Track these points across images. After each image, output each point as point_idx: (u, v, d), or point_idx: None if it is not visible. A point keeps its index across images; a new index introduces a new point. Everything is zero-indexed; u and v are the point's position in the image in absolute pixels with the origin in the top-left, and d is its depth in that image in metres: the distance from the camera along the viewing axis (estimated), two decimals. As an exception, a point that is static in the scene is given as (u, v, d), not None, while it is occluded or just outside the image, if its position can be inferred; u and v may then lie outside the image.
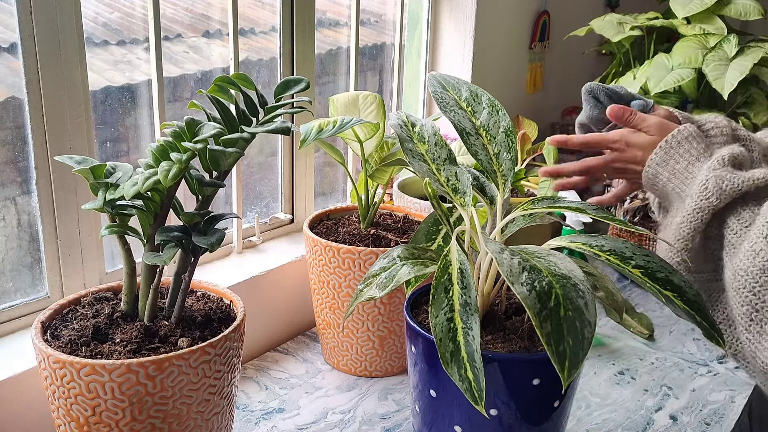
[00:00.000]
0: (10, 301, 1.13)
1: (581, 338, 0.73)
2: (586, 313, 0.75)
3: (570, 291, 0.75)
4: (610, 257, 0.87)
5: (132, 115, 1.27)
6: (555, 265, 0.79)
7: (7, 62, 1.06)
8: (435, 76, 1.07)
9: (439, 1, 1.91)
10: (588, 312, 0.75)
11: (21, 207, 1.13)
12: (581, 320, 0.74)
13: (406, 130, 1.04)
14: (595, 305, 0.77)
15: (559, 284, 0.76)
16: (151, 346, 0.92)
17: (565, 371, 0.72)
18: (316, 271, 1.32)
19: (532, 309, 0.73)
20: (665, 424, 1.24)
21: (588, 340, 0.74)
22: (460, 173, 1.00)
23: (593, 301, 0.77)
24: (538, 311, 0.73)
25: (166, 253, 0.92)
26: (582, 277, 0.78)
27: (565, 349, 0.72)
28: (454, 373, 0.81)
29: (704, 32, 1.68)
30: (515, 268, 0.76)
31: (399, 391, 1.31)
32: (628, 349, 1.49)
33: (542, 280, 0.75)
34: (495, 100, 1.05)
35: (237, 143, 0.91)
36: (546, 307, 0.73)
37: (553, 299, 0.74)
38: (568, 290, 0.75)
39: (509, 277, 0.75)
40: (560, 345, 0.72)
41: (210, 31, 1.39)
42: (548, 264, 0.79)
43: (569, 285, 0.76)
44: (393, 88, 1.84)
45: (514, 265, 0.77)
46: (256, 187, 1.55)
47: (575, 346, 0.72)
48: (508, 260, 0.78)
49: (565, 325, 0.73)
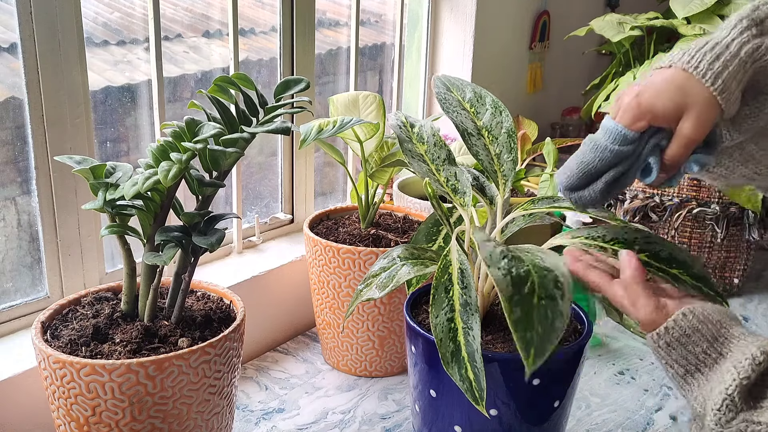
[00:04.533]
0: (10, 301, 1.13)
1: (551, 329, 0.71)
2: (560, 304, 0.73)
3: (548, 282, 0.74)
4: (615, 246, 0.86)
5: (132, 115, 1.27)
6: (541, 259, 0.78)
7: (7, 62, 1.06)
8: (440, 78, 1.07)
9: (439, 1, 1.91)
10: (562, 303, 0.73)
11: (21, 207, 1.13)
12: (554, 311, 0.72)
13: (405, 131, 1.04)
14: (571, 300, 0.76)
15: (537, 274, 0.75)
16: (151, 346, 0.92)
17: (530, 358, 0.70)
18: (316, 271, 1.32)
19: (504, 293, 0.71)
20: (665, 424, 1.24)
21: (558, 331, 0.71)
22: (459, 173, 1.00)
23: (570, 293, 0.75)
24: (509, 295, 0.71)
25: (166, 253, 0.92)
26: (565, 273, 0.76)
27: (532, 336, 0.70)
28: (454, 373, 0.81)
29: (704, 32, 1.68)
30: (496, 255, 0.75)
31: (399, 391, 1.31)
32: (628, 349, 1.49)
33: (521, 268, 0.74)
34: (499, 102, 1.05)
35: (237, 143, 0.91)
36: (519, 293, 0.72)
37: (528, 286, 0.73)
38: (546, 280, 0.74)
39: (487, 260, 0.73)
40: (528, 332, 0.70)
41: (210, 31, 1.39)
42: (533, 257, 0.78)
43: (549, 276, 0.75)
44: (393, 88, 1.84)
45: (495, 253, 0.76)
46: (256, 187, 1.55)
47: (544, 335, 0.71)
48: (490, 248, 0.77)
49: (535, 312, 0.71)
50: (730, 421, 0.67)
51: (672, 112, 0.71)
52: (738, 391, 0.67)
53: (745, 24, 0.70)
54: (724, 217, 1.64)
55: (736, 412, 0.67)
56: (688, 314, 0.73)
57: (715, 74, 0.69)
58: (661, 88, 0.71)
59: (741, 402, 0.67)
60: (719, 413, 0.68)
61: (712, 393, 0.70)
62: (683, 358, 0.73)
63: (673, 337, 0.73)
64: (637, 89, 0.72)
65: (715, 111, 0.70)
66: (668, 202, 1.67)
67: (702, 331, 0.72)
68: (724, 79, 0.69)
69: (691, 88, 0.70)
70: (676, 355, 0.74)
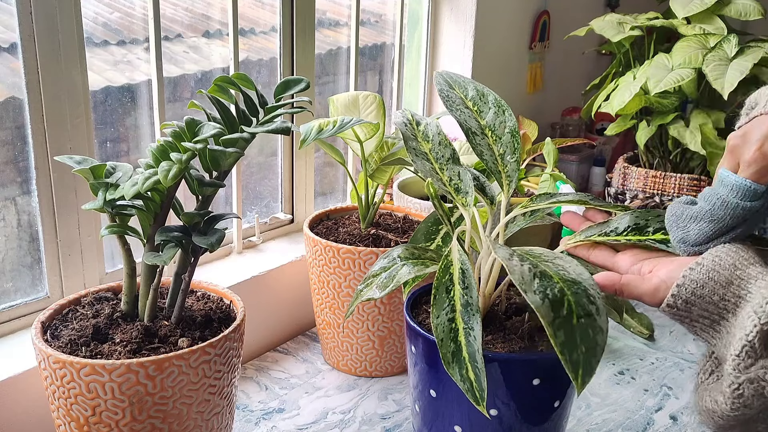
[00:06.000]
0: (10, 301, 1.13)
1: (594, 345, 0.72)
2: (598, 319, 0.74)
3: (581, 297, 0.75)
4: (629, 236, 0.85)
5: (132, 115, 1.27)
6: (564, 269, 0.79)
7: (7, 62, 1.06)
8: (441, 74, 1.06)
9: (439, 1, 1.91)
10: (600, 318, 0.74)
11: (21, 207, 1.13)
12: (593, 327, 0.73)
13: (410, 129, 1.04)
14: (605, 310, 0.76)
15: (570, 291, 0.75)
16: (151, 346, 0.92)
17: (578, 379, 0.71)
18: (316, 271, 1.32)
19: (546, 318, 0.72)
20: (665, 424, 1.24)
21: (601, 347, 0.73)
22: (462, 173, 1.00)
23: (604, 306, 0.76)
24: (551, 320, 0.72)
25: (166, 253, 0.92)
26: (591, 282, 0.77)
27: (578, 357, 0.71)
28: (455, 373, 0.80)
29: (704, 32, 1.68)
30: (527, 275, 0.75)
31: (399, 391, 1.31)
32: (628, 349, 1.49)
33: (554, 287, 0.75)
34: (501, 100, 1.05)
35: (237, 143, 0.91)
36: (559, 315, 0.72)
37: (566, 307, 0.73)
38: (579, 296, 0.75)
39: (521, 285, 0.74)
40: (574, 353, 0.71)
41: (210, 31, 1.39)
42: (557, 269, 0.78)
43: (580, 291, 0.75)
44: (393, 88, 1.84)
45: (525, 272, 0.76)
46: (256, 187, 1.55)
47: (588, 353, 0.72)
48: (518, 267, 0.77)
49: (578, 332, 0.72)
50: (748, 367, 0.66)
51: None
52: (759, 338, 0.65)
53: None
54: (724, 217, 1.64)
55: (756, 358, 0.66)
56: (696, 266, 0.71)
57: None
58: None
59: (761, 348, 0.65)
60: (738, 359, 0.66)
61: (734, 339, 0.68)
62: (705, 311, 0.71)
63: (687, 293, 0.71)
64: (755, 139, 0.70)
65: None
66: (668, 202, 1.67)
67: (715, 279, 0.70)
68: None
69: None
70: (698, 310, 0.71)
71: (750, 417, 0.67)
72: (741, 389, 0.65)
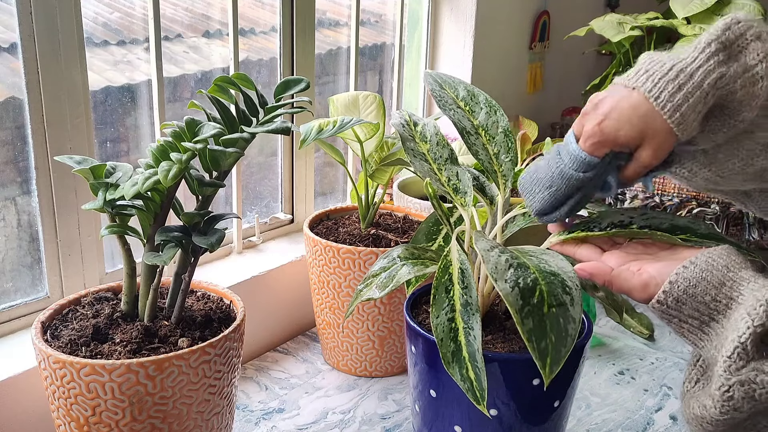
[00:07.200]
0: (10, 301, 1.13)
1: (564, 335, 0.72)
2: (571, 309, 0.73)
3: (556, 287, 0.74)
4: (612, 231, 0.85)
5: (132, 115, 1.27)
6: (546, 262, 0.78)
7: (7, 62, 1.06)
8: (431, 74, 1.07)
9: (439, 1, 1.91)
10: (573, 309, 0.74)
11: (21, 207, 1.13)
12: (565, 317, 0.73)
13: (408, 129, 1.04)
14: (581, 302, 0.76)
15: (545, 281, 0.75)
16: (151, 346, 0.92)
17: (546, 368, 0.71)
18: (316, 271, 1.32)
19: (514, 306, 0.72)
20: (665, 424, 1.24)
21: (572, 336, 0.72)
22: (461, 173, 1.00)
23: (580, 297, 0.76)
24: (519, 308, 0.71)
25: (166, 253, 0.92)
26: (572, 274, 0.77)
27: (547, 345, 0.71)
28: (455, 373, 0.80)
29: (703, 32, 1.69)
30: (501, 265, 0.75)
31: (399, 391, 1.31)
32: (628, 349, 1.49)
33: (527, 277, 0.74)
34: (492, 100, 1.05)
35: (237, 143, 0.91)
36: (529, 303, 0.72)
37: (537, 295, 0.73)
38: (554, 287, 0.74)
39: (493, 274, 0.74)
40: (542, 341, 0.71)
41: (210, 31, 1.39)
42: (538, 261, 0.78)
43: (556, 281, 0.75)
44: (393, 88, 1.84)
45: (500, 263, 0.76)
46: (256, 187, 1.55)
47: (558, 342, 0.71)
48: (495, 258, 0.77)
49: (548, 321, 0.72)
50: (740, 369, 0.65)
51: (633, 140, 0.72)
52: (751, 340, 0.65)
53: (713, 48, 0.70)
54: (724, 217, 1.64)
55: (747, 360, 0.65)
56: (689, 265, 0.71)
57: (675, 107, 0.69)
58: (623, 116, 0.71)
59: (753, 350, 0.65)
60: (729, 360, 0.66)
61: (725, 341, 0.67)
62: (695, 311, 0.70)
63: (679, 290, 0.70)
64: (600, 112, 0.71)
65: (672, 140, 0.71)
66: (668, 202, 1.67)
67: (707, 279, 0.70)
68: (683, 112, 0.69)
69: (652, 119, 0.70)
70: (688, 309, 0.70)
71: (739, 422, 0.67)
72: (731, 391, 0.65)
